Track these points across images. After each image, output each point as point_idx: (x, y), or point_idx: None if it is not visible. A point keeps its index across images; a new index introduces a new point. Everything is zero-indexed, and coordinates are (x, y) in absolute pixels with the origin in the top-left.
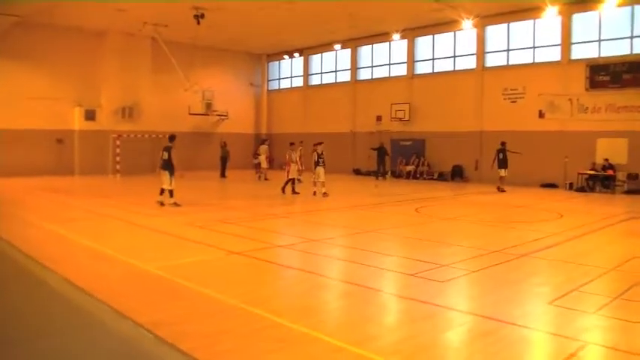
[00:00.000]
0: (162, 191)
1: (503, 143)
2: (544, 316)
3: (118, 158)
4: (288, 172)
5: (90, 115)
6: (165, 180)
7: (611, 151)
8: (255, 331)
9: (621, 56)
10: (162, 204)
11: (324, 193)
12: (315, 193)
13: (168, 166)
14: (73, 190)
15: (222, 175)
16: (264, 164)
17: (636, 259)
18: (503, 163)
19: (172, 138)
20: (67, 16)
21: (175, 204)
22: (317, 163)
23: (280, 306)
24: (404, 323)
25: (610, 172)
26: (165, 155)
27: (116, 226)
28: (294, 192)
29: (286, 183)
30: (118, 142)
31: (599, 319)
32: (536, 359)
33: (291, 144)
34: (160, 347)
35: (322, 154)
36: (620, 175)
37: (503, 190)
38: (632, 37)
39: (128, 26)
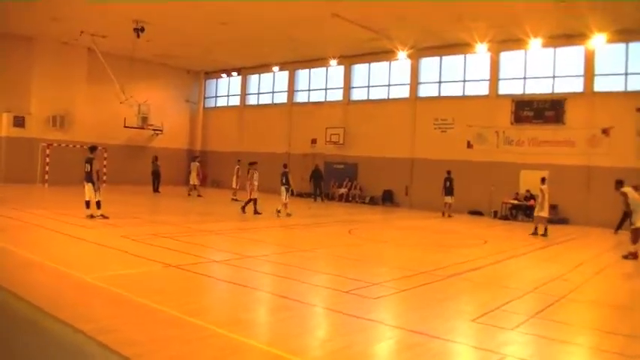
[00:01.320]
0: (87, 204)
1: (449, 172)
2: (468, 331)
3: (47, 167)
4: (250, 191)
5: (19, 122)
6: (89, 192)
7: (533, 182)
8: (198, 339)
9: (544, 94)
10: (92, 216)
11: (288, 214)
12: (278, 212)
13: (90, 178)
14: (1, 199)
15: (155, 189)
16: (195, 181)
17: (552, 282)
18: (449, 191)
19: (93, 149)
20: None
21: (102, 216)
22: (281, 183)
23: (219, 317)
24: (338, 335)
25: (532, 202)
26: (87, 167)
27: (49, 236)
28: (255, 212)
29: (247, 202)
30: (47, 151)
31: (517, 334)
32: None
33: (252, 163)
34: (103, 353)
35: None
36: None
37: (450, 216)
38: (554, 77)
39: (63, 34)
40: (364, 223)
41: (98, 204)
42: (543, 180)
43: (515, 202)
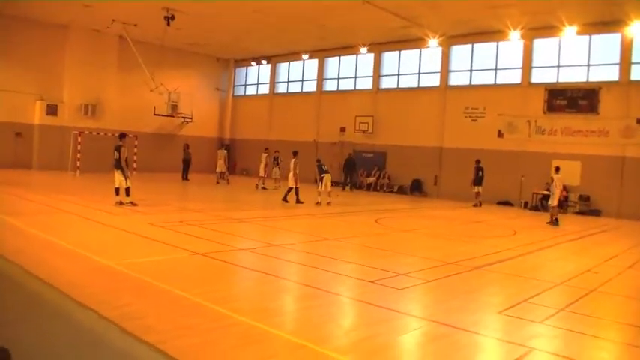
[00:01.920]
0: (117, 191)
1: (478, 161)
2: (494, 323)
3: (78, 155)
4: (295, 180)
5: (52, 110)
6: (118, 179)
7: (565, 173)
8: (219, 328)
9: (578, 83)
10: (121, 203)
11: (329, 203)
12: (319, 203)
13: (119, 165)
14: (32, 185)
15: (185, 177)
16: (223, 168)
17: (582, 274)
18: (479, 181)
19: (123, 136)
20: (33, 8)
21: (132, 203)
22: (325, 171)
23: (243, 305)
24: (362, 325)
25: (563, 193)
26: (117, 155)
27: (76, 222)
28: (298, 201)
29: (289, 191)
30: (79, 139)
31: (545, 328)
32: None
33: (294, 152)
34: (125, 339)
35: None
36: (573, 197)
37: (480, 205)
38: (588, 65)
39: (95, 22)
40: (392, 212)
41: (127, 191)
42: (557, 169)
43: (546, 192)
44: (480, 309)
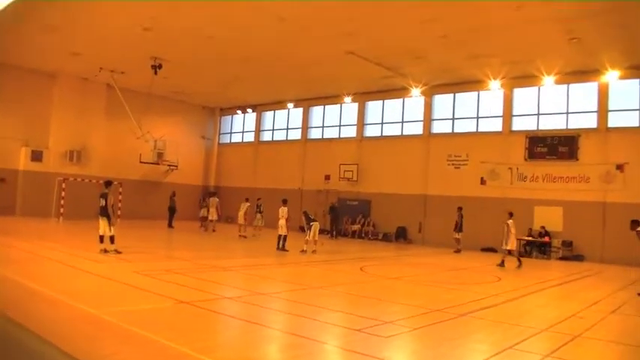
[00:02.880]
0: (101, 238)
1: (460, 208)
2: None
3: (62, 202)
4: (287, 229)
5: (36, 156)
6: (103, 227)
7: (548, 218)
8: None
9: (558, 130)
10: (105, 251)
11: (314, 251)
12: (304, 251)
13: (105, 212)
14: (16, 232)
15: (170, 225)
16: (214, 216)
17: (567, 320)
18: (459, 227)
19: (108, 184)
20: (21, 56)
21: (116, 251)
22: (313, 220)
23: (228, 355)
24: None
25: (546, 238)
26: (102, 202)
27: (62, 270)
28: (282, 249)
29: (284, 240)
30: (63, 185)
31: None
32: None
33: (284, 201)
34: None
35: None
36: (556, 242)
37: (459, 251)
38: (567, 113)
39: (83, 70)
40: (377, 260)
41: (112, 239)
42: (511, 215)
43: (530, 238)
44: (466, 356)
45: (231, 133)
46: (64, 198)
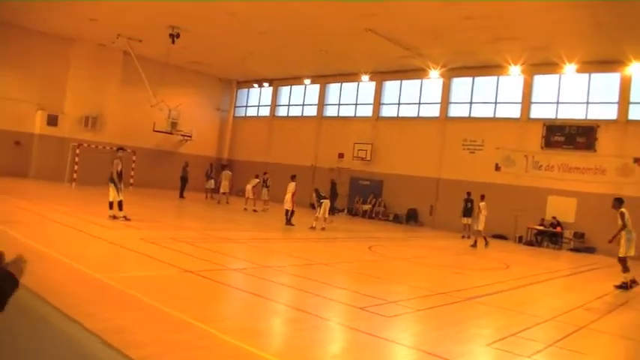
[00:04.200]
0: (111, 205)
1: (469, 193)
2: (482, 356)
3: (75, 167)
4: (293, 204)
5: (52, 121)
6: (112, 192)
7: (560, 209)
8: (205, 346)
9: (576, 120)
10: (114, 217)
11: (323, 228)
12: (313, 227)
13: (111, 179)
14: (28, 194)
15: (181, 195)
16: (226, 189)
17: (573, 311)
18: (468, 212)
19: (119, 150)
20: (40, 20)
21: (125, 218)
22: (323, 197)
23: (230, 325)
24: (348, 352)
25: (558, 229)
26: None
27: (69, 234)
28: (289, 223)
29: (290, 215)
30: (77, 151)
31: None
32: None
33: (293, 177)
34: (109, 353)
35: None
36: (567, 233)
37: (469, 237)
38: (587, 103)
39: (100, 37)
40: (386, 240)
41: (120, 205)
42: (482, 197)
43: (541, 227)
44: (469, 340)
45: (246, 106)
46: (78, 163)
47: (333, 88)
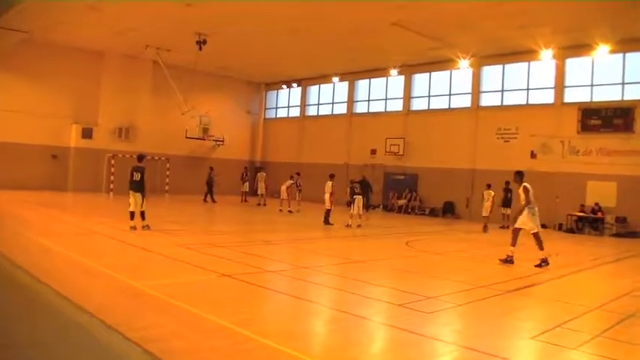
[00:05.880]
0: (132, 215)
1: (507, 183)
2: (526, 349)
3: (112, 177)
4: (331, 203)
5: (87, 134)
6: (136, 202)
7: (601, 194)
8: (244, 351)
9: (612, 102)
10: (134, 228)
11: (359, 225)
12: (349, 225)
13: (139, 187)
14: (66, 207)
15: (210, 199)
16: (263, 190)
17: (620, 298)
18: (507, 203)
19: (141, 158)
20: (70, 36)
21: (147, 227)
22: (357, 194)
23: (268, 329)
24: (389, 350)
25: (599, 214)
26: (137, 176)
27: (107, 243)
28: (327, 222)
29: (328, 213)
30: (112, 162)
31: (579, 355)
32: None
33: (331, 175)
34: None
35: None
36: (609, 218)
37: (508, 227)
38: (623, 84)
39: (129, 48)
40: (423, 235)
41: (142, 214)
42: (489, 186)
43: (582, 214)
44: (512, 334)
45: (276, 108)
46: (114, 174)
47: (362, 85)
